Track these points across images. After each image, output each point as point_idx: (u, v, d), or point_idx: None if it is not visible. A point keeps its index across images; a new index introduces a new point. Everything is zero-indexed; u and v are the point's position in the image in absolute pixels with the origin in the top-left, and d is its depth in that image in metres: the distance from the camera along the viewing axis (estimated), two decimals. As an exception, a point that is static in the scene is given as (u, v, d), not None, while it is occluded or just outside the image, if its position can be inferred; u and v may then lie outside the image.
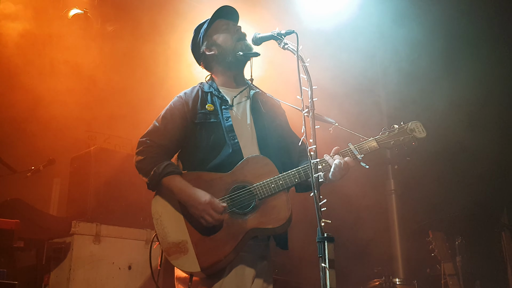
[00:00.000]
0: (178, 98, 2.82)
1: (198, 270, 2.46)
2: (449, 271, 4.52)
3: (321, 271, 1.96)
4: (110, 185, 4.61)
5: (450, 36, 5.77)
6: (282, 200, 2.58)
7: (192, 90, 2.86)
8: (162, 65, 5.67)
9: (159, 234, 2.54)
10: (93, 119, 5.62)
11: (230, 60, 2.83)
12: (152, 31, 5.79)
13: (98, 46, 5.74)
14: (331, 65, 5.43)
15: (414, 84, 5.85)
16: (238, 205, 2.56)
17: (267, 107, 2.91)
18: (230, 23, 2.91)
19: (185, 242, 2.50)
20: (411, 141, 2.67)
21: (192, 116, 2.73)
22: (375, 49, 6.64)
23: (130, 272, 4.37)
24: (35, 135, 5.34)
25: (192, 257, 2.47)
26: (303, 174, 2.59)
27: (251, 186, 2.58)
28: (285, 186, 2.58)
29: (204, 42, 2.91)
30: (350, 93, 5.78)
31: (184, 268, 2.49)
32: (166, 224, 2.56)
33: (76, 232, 4.21)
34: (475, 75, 5.40)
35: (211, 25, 2.90)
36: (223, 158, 2.65)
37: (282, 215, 2.55)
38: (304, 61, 2.36)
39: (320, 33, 5.66)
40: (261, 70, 5.13)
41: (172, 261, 2.49)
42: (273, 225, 2.54)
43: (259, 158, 2.66)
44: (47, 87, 5.32)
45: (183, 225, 2.55)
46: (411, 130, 2.67)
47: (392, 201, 6.40)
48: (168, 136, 2.71)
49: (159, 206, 2.62)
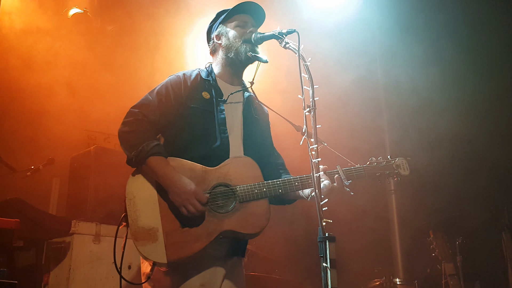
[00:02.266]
0: (176, 77, 2.74)
1: (164, 262, 2.37)
2: (449, 271, 4.52)
3: (322, 271, 1.95)
4: (110, 184, 4.59)
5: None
6: (263, 208, 2.53)
7: (191, 72, 2.80)
8: (164, 64, 5.66)
9: (130, 216, 2.43)
10: (93, 118, 5.61)
11: (232, 57, 2.79)
12: (153, 31, 5.78)
13: (99, 45, 5.74)
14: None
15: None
16: (217, 203, 2.50)
17: (257, 113, 2.90)
18: (249, 22, 2.84)
19: (155, 230, 2.40)
20: (394, 176, 2.72)
21: (187, 99, 2.66)
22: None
23: (129, 272, 4.35)
24: (34, 134, 5.34)
25: (160, 247, 2.38)
26: (288, 186, 2.57)
27: (234, 187, 2.53)
28: (267, 194, 2.55)
29: (218, 28, 2.86)
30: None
31: (150, 256, 2.38)
32: (139, 207, 2.45)
33: (75, 231, 4.19)
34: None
35: (232, 15, 2.84)
36: (210, 150, 2.60)
37: (260, 223, 2.51)
38: (305, 60, 2.36)
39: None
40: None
41: (139, 247, 2.38)
42: (249, 231, 2.50)
43: (247, 160, 2.62)
44: (47, 87, 5.31)
45: (157, 212, 2.45)
46: (397, 166, 2.72)
47: (392, 201, 6.39)
48: (159, 113, 2.60)
49: (135, 187, 2.50)
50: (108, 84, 5.61)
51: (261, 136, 2.86)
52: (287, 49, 2.51)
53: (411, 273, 5.74)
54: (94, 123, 5.59)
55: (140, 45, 5.93)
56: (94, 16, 5.93)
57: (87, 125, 5.56)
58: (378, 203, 6.20)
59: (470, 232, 5.06)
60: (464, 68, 5.62)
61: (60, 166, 5.14)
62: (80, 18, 5.80)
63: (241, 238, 2.59)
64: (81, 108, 5.53)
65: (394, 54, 6.08)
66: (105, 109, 5.52)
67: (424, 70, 5.74)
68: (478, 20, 5.68)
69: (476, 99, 5.45)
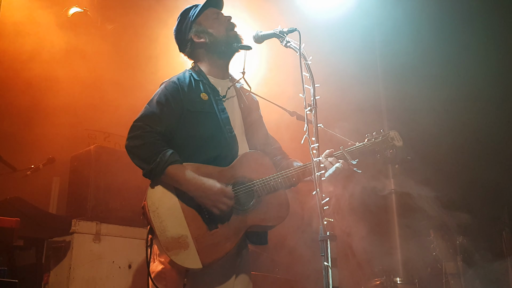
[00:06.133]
0: (172, 84, 2.70)
1: (199, 267, 2.40)
2: (450, 270, 4.52)
3: (323, 270, 1.95)
4: (110, 183, 4.59)
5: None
6: (282, 198, 2.60)
7: (184, 76, 2.77)
8: (163, 64, 5.65)
9: (156, 228, 2.42)
10: (93, 117, 5.61)
11: (223, 50, 2.80)
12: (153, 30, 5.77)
13: (99, 44, 5.73)
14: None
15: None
16: (238, 201, 2.54)
17: (250, 103, 2.93)
18: (220, 12, 2.88)
19: (185, 237, 2.42)
20: (390, 148, 2.74)
21: (188, 104, 2.65)
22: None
23: (130, 271, 4.35)
24: (35, 133, 5.33)
25: (193, 253, 2.40)
26: (300, 174, 2.62)
27: (251, 182, 2.57)
28: (283, 185, 2.60)
29: (193, 29, 2.82)
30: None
31: (185, 264, 2.40)
32: (164, 217, 2.45)
33: (76, 230, 4.19)
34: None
35: (201, 12, 2.84)
36: (220, 151, 2.62)
37: (283, 213, 2.57)
38: (306, 59, 2.36)
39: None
40: (264, 69, 5.14)
41: (172, 256, 2.39)
42: (272, 223, 2.56)
43: (258, 155, 2.68)
44: (47, 86, 5.31)
45: (183, 219, 2.47)
46: (392, 138, 2.76)
47: (392, 201, 6.39)
48: (165, 122, 2.59)
49: (156, 198, 2.49)
50: (108, 82, 5.61)
51: (258, 126, 2.89)
52: (288, 48, 2.52)
53: (411, 272, 5.73)
54: (94, 122, 5.59)
55: (141, 43, 5.93)
56: (94, 15, 5.92)
57: (87, 124, 5.55)
58: (378, 201, 6.20)
59: (471, 231, 5.06)
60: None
61: (60, 165, 5.14)
62: (80, 17, 5.79)
63: (269, 230, 2.66)
64: (81, 107, 5.53)
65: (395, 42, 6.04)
66: (106, 108, 5.52)
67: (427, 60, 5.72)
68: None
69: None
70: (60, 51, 5.45)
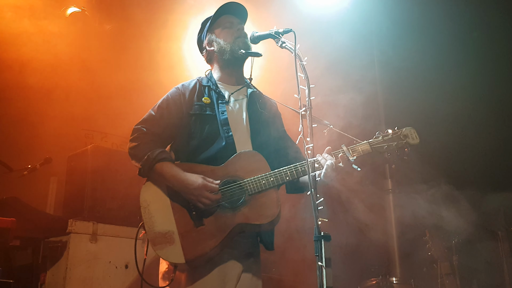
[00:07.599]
0: (175, 89, 2.84)
1: (182, 262, 2.46)
2: (445, 270, 4.54)
3: (317, 270, 1.96)
4: (107, 183, 4.59)
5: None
6: (271, 197, 2.58)
7: (190, 82, 2.89)
8: (162, 63, 5.66)
9: (146, 223, 2.54)
10: (90, 117, 5.61)
11: (228, 58, 2.85)
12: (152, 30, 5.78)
13: (96, 44, 5.73)
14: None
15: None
16: (227, 199, 2.56)
17: (264, 107, 2.92)
18: (234, 21, 2.91)
19: (171, 233, 2.51)
20: (404, 147, 2.67)
21: (188, 107, 2.75)
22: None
23: (127, 271, 4.35)
24: (31, 133, 5.33)
25: (177, 248, 2.47)
26: (294, 172, 2.60)
27: (242, 181, 2.58)
28: (275, 183, 2.59)
29: (207, 37, 2.93)
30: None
31: (169, 259, 2.50)
32: (153, 213, 2.56)
33: (72, 230, 4.19)
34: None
35: (216, 20, 2.91)
36: (216, 151, 2.66)
37: (270, 212, 2.55)
38: (301, 59, 2.37)
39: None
40: (259, 69, 5.13)
41: (157, 251, 2.49)
42: (260, 221, 2.54)
43: (251, 154, 2.68)
44: (45, 86, 5.30)
45: (171, 216, 2.55)
46: (405, 136, 2.67)
47: (389, 200, 6.41)
48: (163, 125, 2.73)
49: (148, 195, 2.61)
50: (106, 83, 5.60)
51: (270, 129, 2.89)
52: (283, 49, 2.53)
53: (407, 272, 5.75)
54: (91, 122, 5.59)
55: (139, 44, 5.92)
56: (92, 15, 5.91)
57: (84, 124, 5.55)
58: (374, 201, 6.21)
59: (466, 231, 5.07)
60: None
61: (57, 165, 5.13)
62: (78, 17, 5.78)
63: (258, 230, 2.65)
64: (78, 107, 5.52)
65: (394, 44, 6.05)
66: (103, 108, 5.52)
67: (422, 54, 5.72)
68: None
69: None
70: (58, 51, 5.45)
